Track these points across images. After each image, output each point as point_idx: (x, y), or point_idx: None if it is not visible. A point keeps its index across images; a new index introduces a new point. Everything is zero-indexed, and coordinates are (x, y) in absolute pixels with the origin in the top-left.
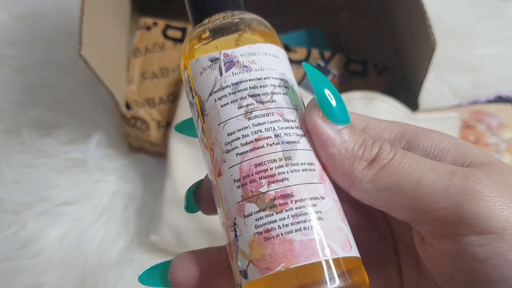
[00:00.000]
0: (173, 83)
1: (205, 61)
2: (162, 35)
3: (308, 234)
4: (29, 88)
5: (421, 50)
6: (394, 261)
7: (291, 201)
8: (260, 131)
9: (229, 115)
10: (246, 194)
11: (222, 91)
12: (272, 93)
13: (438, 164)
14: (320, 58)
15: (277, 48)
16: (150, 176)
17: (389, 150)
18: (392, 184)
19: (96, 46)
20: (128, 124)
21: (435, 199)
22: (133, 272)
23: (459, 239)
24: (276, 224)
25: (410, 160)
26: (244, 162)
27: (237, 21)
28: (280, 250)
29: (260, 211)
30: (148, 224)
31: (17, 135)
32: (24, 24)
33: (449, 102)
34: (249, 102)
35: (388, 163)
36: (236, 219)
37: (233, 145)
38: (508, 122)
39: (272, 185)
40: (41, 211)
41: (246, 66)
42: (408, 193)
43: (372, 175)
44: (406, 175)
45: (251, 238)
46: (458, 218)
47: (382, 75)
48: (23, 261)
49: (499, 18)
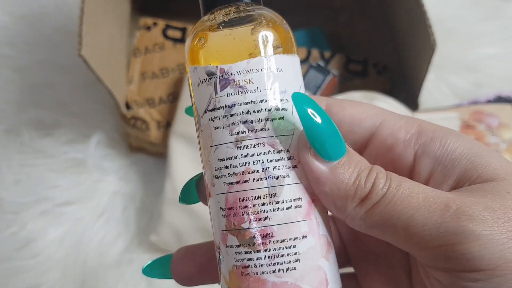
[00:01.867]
0: (173, 83)
1: (202, 73)
2: (162, 35)
3: (282, 277)
4: (29, 88)
5: (421, 50)
6: (403, 264)
7: (269, 242)
8: (248, 163)
9: (220, 140)
10: (229, 226)
11: (215, 112)
12: (266, 119)
13: (432, 198)
14: (320, 58)
15: (282, 58)
16: (150, 176)
17: (383, 183)
18: (383, 223)
19: (96, 46)
20: (128, 124)
21: (425, 239)
22: (133, 272)
23: (452, 273)
24: (253, 263)
25: (402, 195)
26: (230, 194)
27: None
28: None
29: (240, 246)
30: (148, 224)
31: (17, 135)
32: (24, 24)
33: (449, 102)
34: (240, 129)
35: (380, 199)
36: (220, 245)
37: (222, 173)
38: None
39: (254, 223)
40: (41, 211)
41: (242, 86)
42: (400, 232)
43: (364, 213)
44: (397, 214)
45: (231, 268)
46: (449, 258)
47: (382, 75)
48: (23, 261)
49: (499, 18)
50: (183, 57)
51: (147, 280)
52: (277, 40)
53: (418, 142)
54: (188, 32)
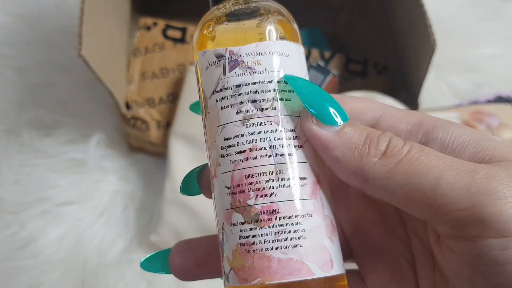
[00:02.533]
0: (173, 83)
1: (211, 56)
2: (162, 35)
3: (287, 253)
4: (29, 88)
5: (421, 50)
6: (406, 256)
7: (275, 218)
8: (255, 141)
9: (227, 119)
10: (234, 203)
11: (223, 92)
12: (273, 99)
13: (459, 161)
14: (320, 58)
15: (289, 44)
16: (150, 176)
17: (402, 144)
18: (410, 181)
19: (96, 46)
20: (128, 124)
21: (455, 199)
22: (133, 272)
23: (478, 242)
24: (258, 239)
25: (428, 156)
26: (236, 171)
27: (254, 7)
28: (258, 265)
29: (245, 223)
30: (148, 224)
31: (17, 135)
32: (24, 24)
33: (449, 102)
34: (248, 108)
35: (404, 157)
36: (224, 225)
37: (228, 151)
38: (508, 122)
39: (260, 199)
40: (41, 211)
41: (250, 67)
42: (427, 192)
43: (387, 171)
44: (425, 172)
45: (235, 247)
46: (479, 220)
47: (382, 75)
48: (23, 261)
49: (499, 18)
50: (183, 57)
51: (147, 280)
52: (283, 28)
53: (421, 131)
54: (188, 32)
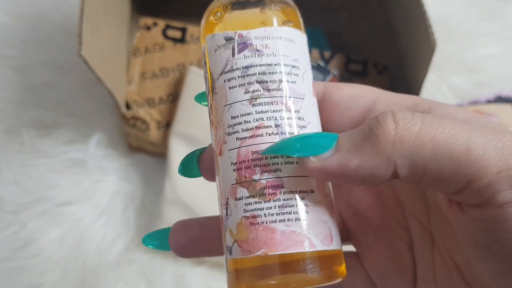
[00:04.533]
0: (173, 83)
1: (220, 38)
2: (162, 35)
3: (291, 226)
4: (29, 88)
5: (421, 50)
6: (404, 237)
7: (280, 192)
8: (262, 119)
9: (235, 98)
10: (240, 179)
11: (232, 72)
12: (280, 81)
13: (479, 125)
14: (320, 58)
15: (295, 31)
16: (150, 176)
17: (410, 114)
18: (440, 149)
19: (96, 46)
20: (128, 124)
21: (489, 162)
22: (133, 272)
23: (506, 209)
24: (263, 212)
25: (448, 121)
26: (243, 148)
27: None
28: (262, 237)
29: (250, 197)
30: (148, 224)
31: (17, 135)
32: (24, 24)
33: (449, 102)
34: (255, 88)
35: (422, 125)
36: (228, 199)
37: (234, 129)
38: (508, 122)
39: (265, 174)
40: (41, 211)
41: (259, 50)
42: (460, 158)
43: (411, 144)
44: (453, 138)
45: (239, 221)
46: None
47: (382, 75)
48: (23, 261)
49: (499, 17)
50: (183, 57)
51: (147, 280)
52: (289, 16)
53: (418, 111)
54: (188, 32)
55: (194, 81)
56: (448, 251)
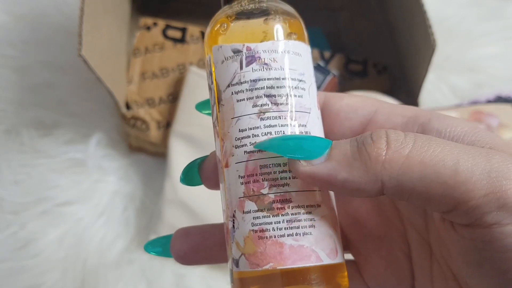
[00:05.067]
0: (173, 83)
1: (227, 50)
2: (162, 35)
3: (299, 240)
4: (29, 88)
5: (421, 50)
6: (402, 246)
7: (288, 207)
8: (270, 133)
9: (243, 111)
10: (248, 192)
11: (240, 85)
12: (288, 95)
13: (470, 147)
14: (320, 58)
15: (301, 45)
16: (150, 176)
17: (403, 135)
18: (428, 171)
19: (96, 46)
20: (128, 124)
21: (476, 186)
22: (133, 272)
23: (494, 229)
24: (271, 226)
25: (439, 144)
26: (251, 161)
27: (265, 7)
28: (270, 251)
29: (258, 211)
30: (148, 224)
31: (17, 135)
32: (24, 24)
33: (449, 102)
34: (264, 102)
35: (413, 148)
36: (235, 212)
37: (242, 142)
38: (508, 122)
39: (273, 189)
40: (41, 211)
41: (267, 64)
42: (447, 181)
43: (400, 166)
44: (441, 160)
45: (247, 234)
46: (501, 206)
47: (382, 75)
48: (23, 261)
49: (500, 17)
50: (183, 57)
51: (147, 280)
52: (296, 29)
53: (417, 123)
54: (188, 32)
55: (194, 81)
56: (445, 261)
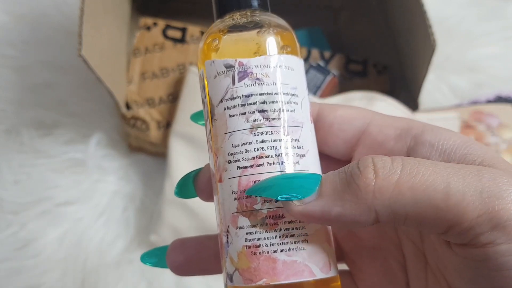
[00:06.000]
0: (173, 83)
1: (220, 65)
2: (162, 35)
3: (292, 256)
4: (29, 88)
5: (421, 50)
6: (397, 257)
7: (281, 222)
8: (263, 149)
9: (235, 126)
10: (241, 207)
11: (232, 101)
12: (280, 110)
13: (459, 165)
14: (320, 58)
15: (293, 58)
16: (150, 176)
17: (390, 161)
18: (419, 197)
19: (96, 46)
20: (128, 124)
21: (469, 208)
22: (133, 272)
23: (488, 249)
24: (264, 242)
25: (428, 166)
26: (244, 177)
27: (257, 21)
28: (264, 266)
29: (251, 227)
30: (148, 224)
31: (17, 135)
32: (24, 24)
33: (449, 102)
34: (256, 117)
35: (401, 173)
36: (229, 227)
37: (235, 158)
38: (508, 122)
39: (266, 204)
40: (41, 211)
41: (259, 79)
42: (439, 204)
43: (391, 194)
44: (431, 184)
45: (240, 249)
46: (494, 225)
47: (382, 75)
48: (23, 261)
49: (500, 17)
50: (183, 57)
51: (147, 280)
52: (289, 43)
53: (410, 135)
54: (188, 32)
55: (194, 81)
56: (441, 272)
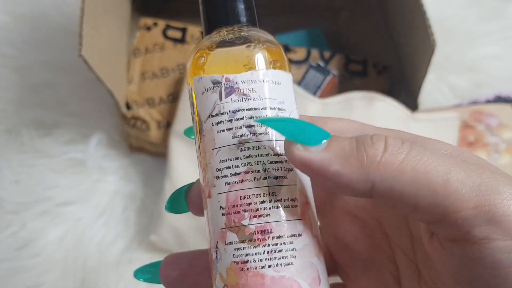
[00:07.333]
0: (173, 83)
1: (207, 82)
2: (162, 35)
3: (280, 271)
4: (29, 88)
5: (421, 50)
6: (391, 269)
7: (269, 237)
8: (250, 164)
9: (223, 142)
10: (229, 223)
11: (219, 116)
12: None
13: (462, 161)
14: (320, 58)
15: (280, 73)
16: (150, 176)
17: (401, 142)
18: (420, 178)
19: (96, 46)
20: (128, 124)
21: (466, 197)
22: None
23: (483, 245)
24: (252, 258)
25: (433, 154)
26: (231, 192)
27: (246, 36)
28: (252, 283)
29: (239, 242)
30: (148, 224)
31: (17, 135)
32: (24, 24)
33: (449, 102)
34: (243, 132)
35: (408, 154)
36: (218, 243)
37: (223, 173)
38: (507, 122)
39: (254, 219)
40: (41, 211)
41: (245, 94)
42: (438, 189)
43: (394, 169)
44: (434, 169)
45: (229, 266)
46: (489, 219)
47: (382, 75)
48: (23, 261)
49: (499, 17)
50: (183, 57)
51: None
52: (276, 57)
53: None
54: (188, 32)
55: None
56: (434, 283)
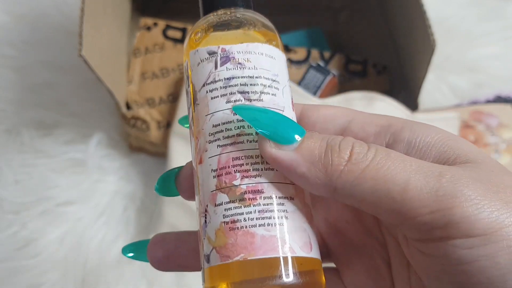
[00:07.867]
0: (173, 83)
1: (203, 53)
2: (162, 35)
3: (271, 231)
4: (29, 88)
5: (421, 50)
6: (382, 254)
7: (260, 197)
8: (243, 127)
9: (217, 107)
10: (220, 185)
11: (214, 84)
12: (261, 92)
13: (425, 164)
14: (320, 58)
15: (275, 49)
16: (150, 176)
17: (366, 149)
18: (378, 188)
19: (96, 46)
20: (128, 124)
21: (423, 203)
22: (133, 272)
23: (445, 243)
24: (242, 217)
25: (395, 160)
26: (223, 154)
27: (241, 18)
28: (241, 242)
29: (230, 202)
30: (148, 224)
31: (17, 135)
32: (24, 24)
33: (449, 102)
34: (237, 98)
35: (370, 163)
36: (208, 207)
37: (216, 137)
38: (507, 122)
39: (245, 180)
40: (41, 211)
41: (241, 63)
42: (396, 197)
43: (354, 179)
44: (392, 177)
45: (218, 227)
46: (446, 222)
47: (382, 75)
48: (23, 261)
49: (499, 17)
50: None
51: (147, 280)
52: (270, 36)
53: (389, 132)
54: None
55: None
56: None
